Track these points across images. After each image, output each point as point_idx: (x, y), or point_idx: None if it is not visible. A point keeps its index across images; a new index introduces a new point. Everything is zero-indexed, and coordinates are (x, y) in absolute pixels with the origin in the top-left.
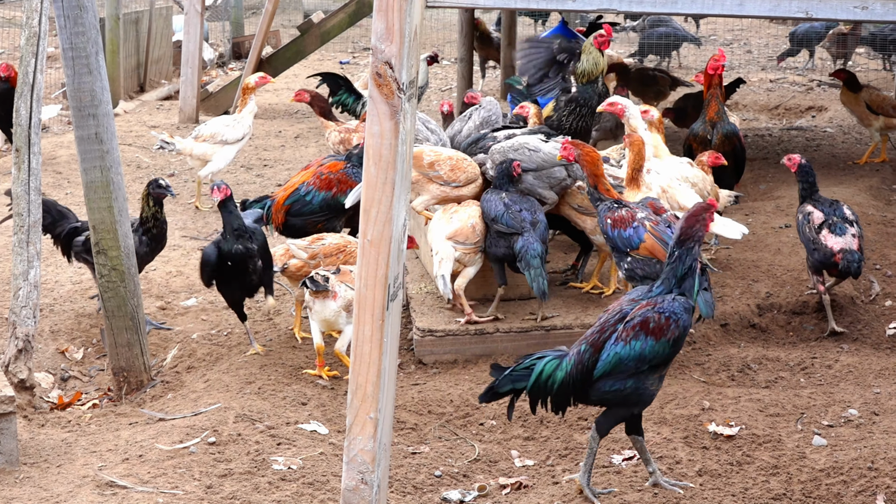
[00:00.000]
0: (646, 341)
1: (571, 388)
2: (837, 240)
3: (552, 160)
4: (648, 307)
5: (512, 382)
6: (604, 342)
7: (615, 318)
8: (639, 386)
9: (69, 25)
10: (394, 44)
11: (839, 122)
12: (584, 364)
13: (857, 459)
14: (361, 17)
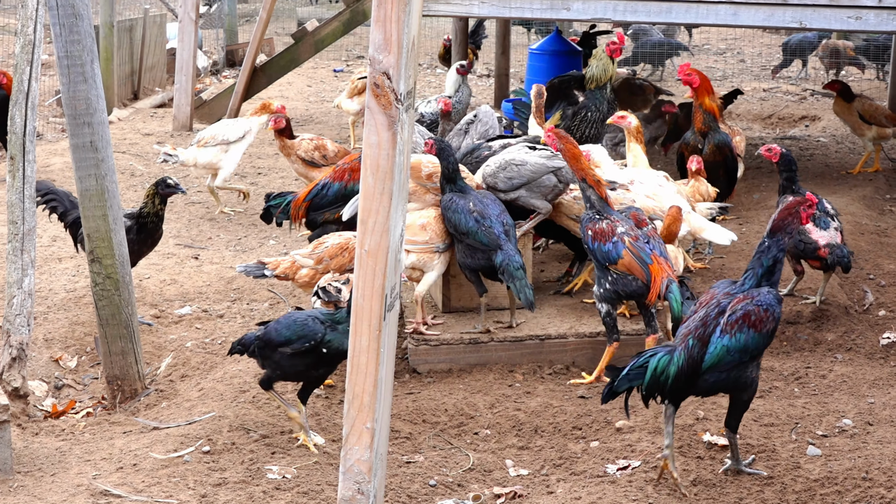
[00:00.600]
0: (749, 333)
1: (683, 381)
2: (822, 234)
3: (541, 169)
4: (747, 300)
5: (629, 381)
6: (709, 336)
7: (715, 312)
8: (741, 374)
9: (65, 34)
10: (391, 54)
11: (832, 132)
12: (693, 357)
13: (852, 470)
14: (356, 25)
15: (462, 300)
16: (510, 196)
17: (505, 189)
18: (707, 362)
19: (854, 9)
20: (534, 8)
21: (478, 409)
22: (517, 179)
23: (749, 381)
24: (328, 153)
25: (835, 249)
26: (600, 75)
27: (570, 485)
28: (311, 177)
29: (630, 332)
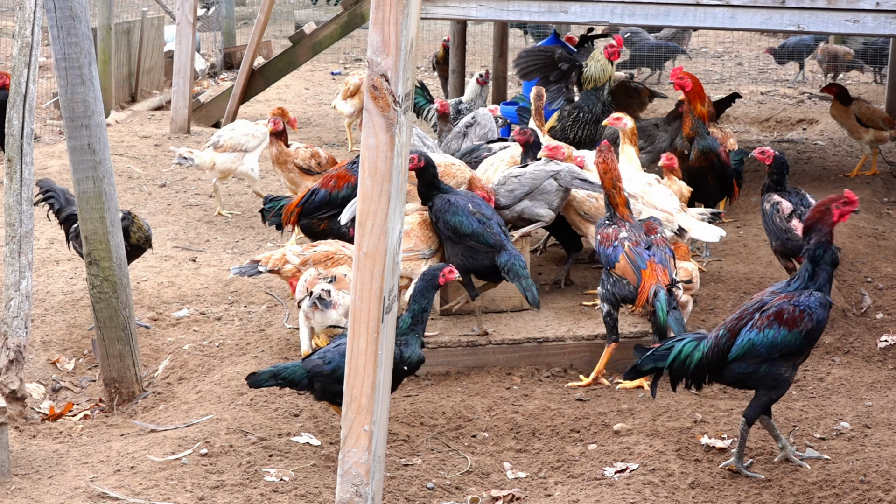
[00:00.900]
0: (778, 330)
1: (707, 368)
2: None
3: (541, 175)
4: (785, 299)
5: (654, 361)
6: (740, 328)
7: (754, 307)
8: (771, 371)
9: (62, 36)
10: (390, 56)
11: (830, 135)
12: (720, 347)
13: (850, 472)
14: (353, 28)
15: (457, 301)
16: (515, 210)
17: (508, 203)
18: (733, 353)
19: (852, 12)
20: (531, 10)
21: (476, 412)
22: (519, 190)
23: (779, 380)
24: (321, 160)
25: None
26: (598, 75)
27: (568, 487)
28: (304, 185)
29: (628, 334)
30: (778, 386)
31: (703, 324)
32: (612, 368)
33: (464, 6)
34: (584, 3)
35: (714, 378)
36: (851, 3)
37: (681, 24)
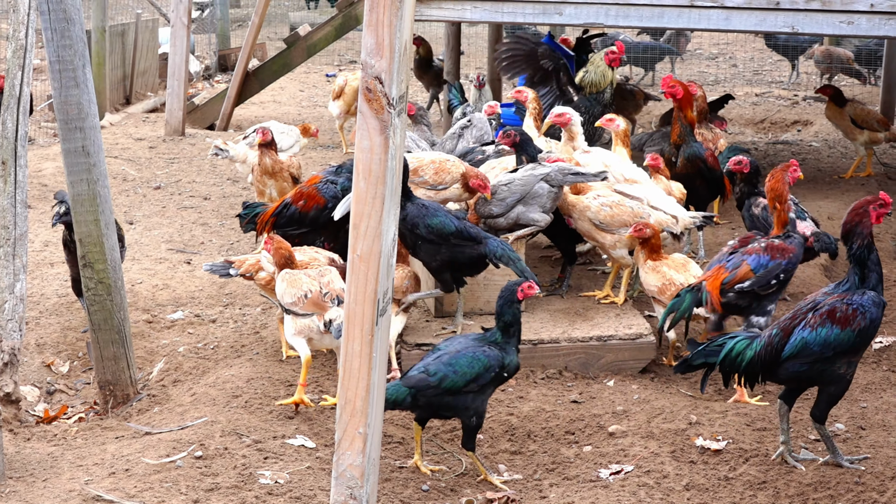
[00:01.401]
0: (831, 329)
1: (759, 367)
2: (804, 224)
3: (531, 180)
4: (838, 299)
5: (704, 357)
6: (793, 328)
7: (807, 307)
8: (826, 368)
9: (56, 38)
10: (384, 59)
11: (825, 137)
12: (773, 346)
13: (844, 474)
14: (348, 29)
15: (455, 305)
16: (510, 217)
17: (502, 212)
18: (786, 352)
19: (846, 13)
20: (526, 12)
21: None
22: (511, 198)
23: (836, 377)
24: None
25: (821, 237)
26: (598, 81)
27: (563, 489)
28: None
29: (623, 336)
30: (835, 383)
31: (698, 325)
32: (608, 370)
33: (458, 8)
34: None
35: (767, 377)
36: (846, 4)
37: (675, 26)
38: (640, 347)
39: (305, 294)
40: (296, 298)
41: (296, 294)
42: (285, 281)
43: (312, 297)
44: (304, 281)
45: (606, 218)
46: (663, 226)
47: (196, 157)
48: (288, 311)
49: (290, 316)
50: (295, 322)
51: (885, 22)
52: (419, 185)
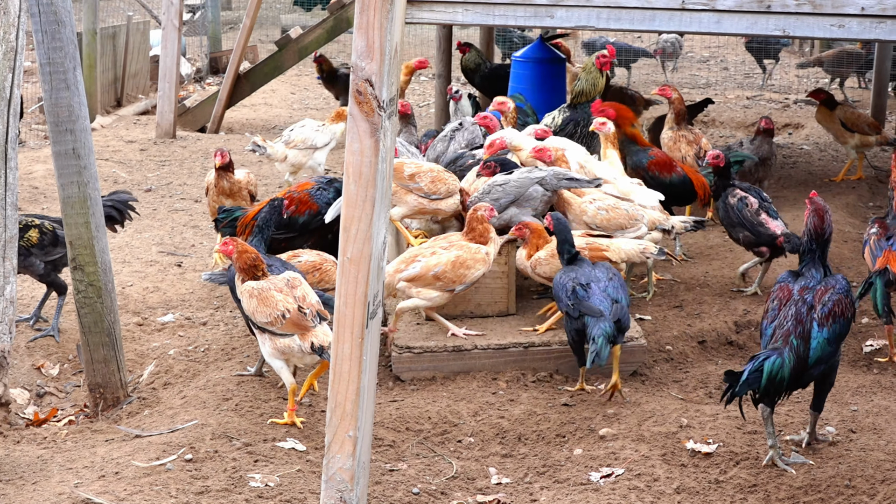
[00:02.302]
0: (840, 322)
1: (794, 379)
2: (776, 223)
3: (526, 182)
4: (830, 291)
5: (748, 386)
6: (809, 332)
7: (805, 309)
8: (834, 360)
9: (47, 40)
10: (374, 61)
11: (815, 140)
12: (800, 356)
13: (835, 477)
14: (339, 32)
15: (446, 307)
16: (502, 218)
17: None
18: (812, 358)
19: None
20: (517, 15)
21: (461, 417)
22: (504, 199)
23: (837, 364)
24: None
25: (791, 237)
26: (589, 90)
27: (554, 493)
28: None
29: None
30: (836, 369)
31: (689, 328)
32: (599, 373)
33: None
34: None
35: (796, 386)
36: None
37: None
38: (630, 350)
39: (283, 314)
40: (272, 319)
41: (271, 314)
42: (255, 298)
43: (292, 318)
44: (278, 298)
45: (603, 222)
46: (656, 224)
47: (187, 159)
48: (263, 330)
49: (265, 335)
50: (273, 341)
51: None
52: (413, 191)
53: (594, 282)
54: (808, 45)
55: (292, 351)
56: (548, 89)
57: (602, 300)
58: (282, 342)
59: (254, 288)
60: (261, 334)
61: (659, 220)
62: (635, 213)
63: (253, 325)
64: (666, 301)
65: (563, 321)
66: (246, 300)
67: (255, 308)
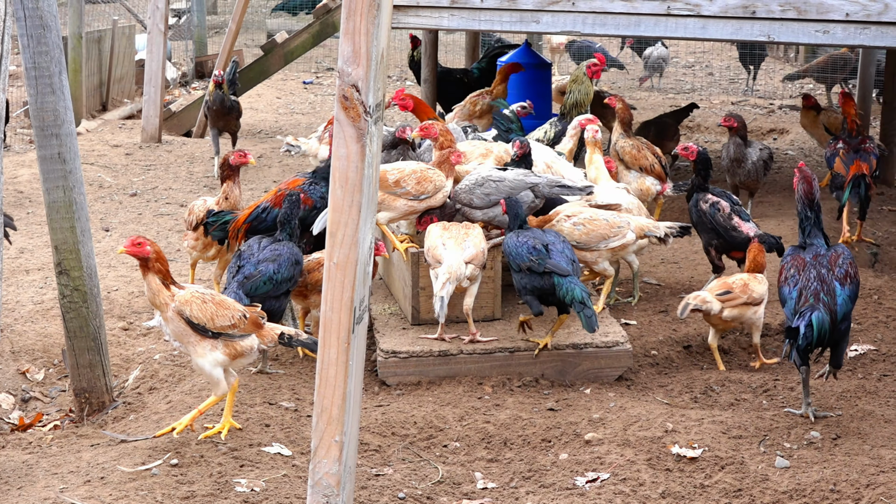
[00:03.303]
0: (853, 283)
1: (830, 333)
2: (749, 225)
3: (520, 185)
4: (843, 256)
5: (807, 339)
6: (833, 290)
7: (825, 271)
8: (849, 318)
9: (32, 45)
10: (360, 67)
11: (800, 145)
12: (832, 311)
13: (820, 482)
14: (325, 37)
15: (431, 312)
16: (488, 214)
17: (481, 206)
18: (840, 313)
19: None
20: (503, 20)
21: (447, 422)
22: (495, 196)
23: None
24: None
25: (765, 238)
26: (582, 100)
27: (539, 497)
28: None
29: (599, 344)
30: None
31: (674, 333)
32: (584, 378)
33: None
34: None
35: (828, 343)
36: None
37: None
38: (616, 355)
39: (243, 314)
40: (235, 320)
41: (232, 316)
42: (210, 303)
43: (252, 317)
44: (227, 300)
45: (582, 237)
46: (644, 230)
47: (172, 164)
48: (216, 335)
49: (217, 340)
50: (230, 346)
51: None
52: (401, 196)
53: (551, 244)
54: (792, 50)
55: (252, 352)
56: (533, 95)
57: (563, 260)
58: (242, 345)
59: (200, 293)
60: (210, 341)
61: (648, 226)
62: (617, 220)
63: (203, 332)
64: (651, 306)
65: (516, 278)
66: (196, 306)
67: (213, 313)
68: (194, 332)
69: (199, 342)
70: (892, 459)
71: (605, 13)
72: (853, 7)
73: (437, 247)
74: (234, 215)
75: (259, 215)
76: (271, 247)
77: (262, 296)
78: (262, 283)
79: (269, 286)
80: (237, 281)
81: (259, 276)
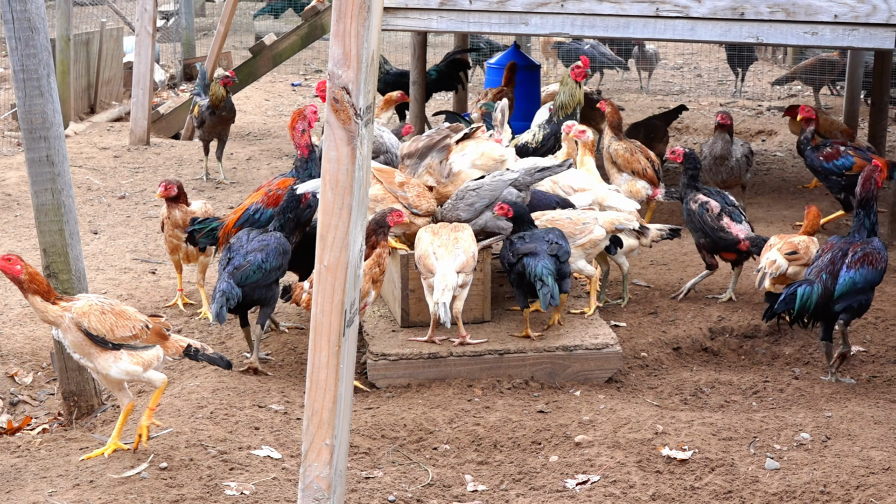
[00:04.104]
0: (867, 269)
1: (820, 307)
2: (739, 227)
3: (499, 185)
4: (864, 245)
5: (785, 305)
6: (838, 271)
7: (840, 255)
8: (861, 299)
9: (20, 47)
10: (351, 69)
11: (789, 147)
12: (827, 288)
13: (810, 483)
14: (314, 39)
15: (421, 314)
16: (477, 223)
17: (470, 217)
18: (838, 291)
19: (810, 24)
20: (492, 23)
21: (437, 424)
22: (479, 203)
23: (867, 304)
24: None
25: (754, 241)
26: (568, 102)
27: (530, 500)
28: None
29: (589, 346)
30: (865, 308)
31: (663, 335)
32: (574, 380)
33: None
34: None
35: (823, 314)
36: (810, 15)
37: (641, 36)
38: (606, 357)
39: (146, 324)
40: (137, 331)
41: (134, 326)
42: (109, 314)
43: (155, 327)
44: (128, 310)
45: (573, 229)
46: (615, 224)
47: (161, 166)
48: (117, 347)
49: (120, 351)
50: (132, 357)
51: (849, 33)
52: (399, 199)
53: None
54: (780, 52)
55: (157, 362)
56: (522, 96)
57: (537, 243)
58: (145, 356)
59: (99, 304)
60: (112, 353)
61: (617, 220)
62: (581, 217)
63: (103, 344)
64: (641, 308)
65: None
66: (97, 318)
67: (112, 324)
68: (93, 343)
69: (100, 354)
70: (882, 461)
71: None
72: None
73: (428, 256)
74: (221, 221)
75: (251, 217)
76: (259, 237)
77: (253, 285)
78: (251, 273)
79: (259, 275)
80: (227, 272)
81: (248, 265)
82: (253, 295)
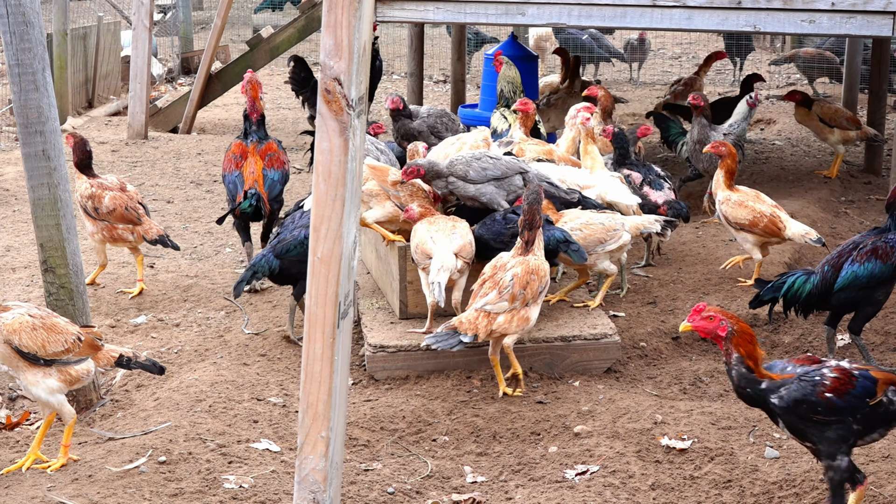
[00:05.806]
0: (875, 263)
1: (815, 298)
2: (659, 194)
3: (514, 166)
4: (877, 239)
5: (773, 292)
6: (842, 264)
7: (849, 247)
8: (868, 295)
9: (15, 41)
10: (343, 60)
11: (788, 135)
12: (826, 280)
13: (810, 472)
14: (311, 32)
15: (419, 306)
16: (480, 189)
17: (476, 180)
18: (839, 284)
19: (808, 12)
20: (489, 13)
21: (436, 416)
22: (491, 171)
23: (875, 301)
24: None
25: (673, 205)
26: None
27: (529, 490)
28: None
29: (587, 336)
30: (872, 305)
31: (662, 324)
32: (573, 370)
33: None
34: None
35: (821, 306)
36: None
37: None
38: (604, 347)
39: (78, 337)
40: (69, 344)
41: (66, 340)
42: (40, 329)
43: (87, 339)
44: (59, 322)
45: (580, 241)
46: (640, 229)
47: (159, 160)
48: (49, 363)
49: (51, 368)
50: (60, 374)
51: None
52: (392, 198)
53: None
54: (779, 41)
55: (89, 376)
56: None
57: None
58: (77, 369)
59: (30, 318)
60: (42, 369)
61: (642, 224)
62: (612, 224)
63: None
64: (640, 297)
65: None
66: (28, 335)
67: (44, 339)
68: (23, 359)
69: (29, 368)
70: (882, 448)
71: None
72: None
73: (425, 241)
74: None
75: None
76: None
77: (292, 259)
78: (292, 247)
79: (300, 249)
80: (271, 245)
81: (291, 239)
82: (292, 269)
